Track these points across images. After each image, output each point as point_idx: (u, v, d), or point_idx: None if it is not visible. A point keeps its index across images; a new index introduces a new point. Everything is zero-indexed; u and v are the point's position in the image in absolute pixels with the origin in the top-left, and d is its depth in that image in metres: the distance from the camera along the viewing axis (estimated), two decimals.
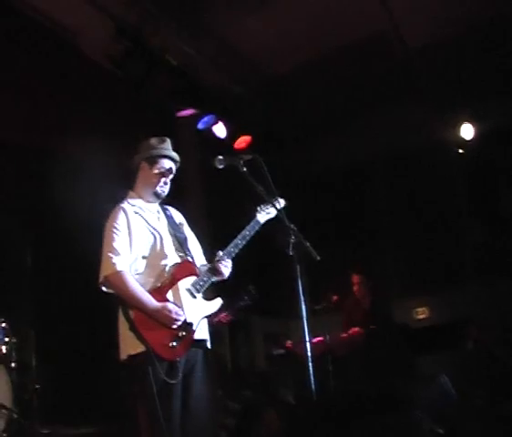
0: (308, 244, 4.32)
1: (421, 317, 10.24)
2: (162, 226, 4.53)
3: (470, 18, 8.25)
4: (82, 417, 6.40)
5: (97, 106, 7.65)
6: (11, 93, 6.95)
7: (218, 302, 4.46)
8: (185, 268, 4.41)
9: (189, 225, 4.79)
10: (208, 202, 8.95)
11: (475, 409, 6.66)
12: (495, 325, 9.11)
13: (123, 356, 4.23)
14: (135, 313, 4.14)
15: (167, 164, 4.54)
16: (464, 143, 9.62)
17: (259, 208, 4.75)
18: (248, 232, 4.60)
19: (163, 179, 4.53)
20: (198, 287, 4.35)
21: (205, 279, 4.40)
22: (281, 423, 6.30)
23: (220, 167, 4.42)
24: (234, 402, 7.27)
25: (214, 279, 4.47)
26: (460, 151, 9.08)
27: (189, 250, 4.56)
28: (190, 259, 4.50)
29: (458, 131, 9.61)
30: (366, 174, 11.04)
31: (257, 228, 4.67)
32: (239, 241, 4.54)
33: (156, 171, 4.50)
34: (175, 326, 4.12)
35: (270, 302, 9.12)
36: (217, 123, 8.49)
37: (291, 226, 4.29)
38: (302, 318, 4.15)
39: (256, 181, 4.34)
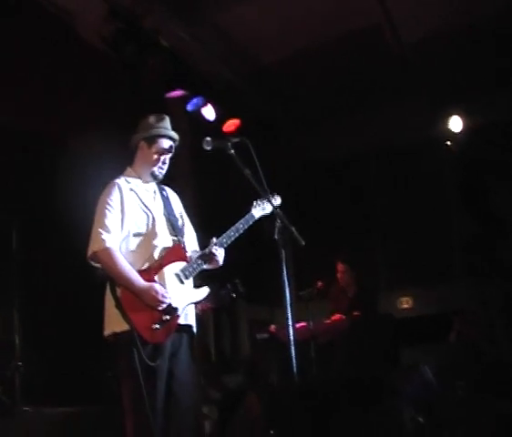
0: (293, 229, 4.33)
1: (405, 307, 10.31)
2: (157, 206, 4.49)
3: (463, 14, 8.30)
4: (65, 396, 6.38)
5: (88, 88, 7.63)
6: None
7: (205, 291, 4.43)
8: (176, 252, 4.37)
9: None
10: (197, 184, 8.93)
11: (456, 399, 6.72)
12: (479, 318, 9.17)
13: (107, 332, 4.21)
14: (122, 291, 4.12)
15: (165, 144, 4.51)
16: (453, 136, 9.65)
17: (255, 203, 4.72)
18: (241, 225, 4.58)
19: (162, 159, 4.50)
20: (187, 273, 4.32)
21: (195, 265, 4.37)
22: (261, 407, 6.32)
23: (208, 148, 4.37)
24: (216, 389, 7.30)
25: (205, 266, 4.45)
26: (448, 143, 9.10)
27: (181, 235, 4.51)
28: (182, 244, 4.47)
29: (448, 124, 9.64)
30: (357, 165, 11.07)
31: (251, 222, 4.64)
32: (231, 233, 4.51)
33: (154, 151, 4.47)
34: (160, 308, 4.09)
35: (255, 289, 9.16)
36: (206, 105, 8.47)
37: (277, 210, 4.27)
38: (285, 303, 4.10)
39: (244, 165, 4.31)
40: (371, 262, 10.45)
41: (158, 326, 4.07)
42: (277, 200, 4.78)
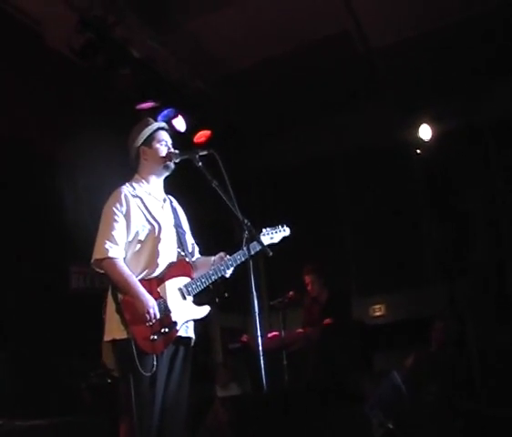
0: (261, 239, 4.35)
1: (377, 314, 10.36)
2: (165, 216, 4.50)
3: (432, 19, 8.39)
4: (36, 409, 6.35)
5: (59, 96, 7.62)
6: None
7: (206, 309, 4.45)
8: (182, 267, 4.39)
9: None
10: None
11: (425, 404, 6.78)
12: (450, 325, 9.25)
13: (108, 338, 4.23)
14: (123, 298, 4.13)
15: (164, 135, 4.57)
16: (422, 143, 9.74)
17: (264, 231, 4.77)
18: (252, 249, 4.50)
19: (166, 147, 4.53)
20: (190, 289, 4.33)
21: (198, 283, 4.37)
22: (229, 416, 6.33)
23: (176, 161, 4.45)
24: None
25: (215, 277, 4.45)
26: (418, 151, 9.18)
27: (187, 249, 4.54)
28: (189, 260, 4.48)
29: (417, 131, 9.72)
30: (326, 171, 11.09)
31: (257, 249, 4.51)
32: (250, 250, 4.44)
33: (157, 145, 4.50)
34: (146, 324, 4.07)
35: (228, 297, 9.15)
36: (177, 116, 8.46)
37: (245, 221, 4.27)
38: (253, 312, 4.13)
39: (212, 177, 4.32)
40: (342, 269, 10.49)
41: (155, 337, 4.08)
42: (285, 231, 4.91)
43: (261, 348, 4.12)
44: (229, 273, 4.54)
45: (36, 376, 6.90)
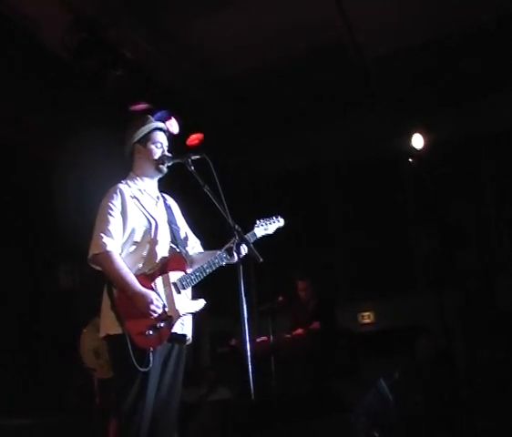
0: (251, 245, 4.37)
1: (366, 321, 10.37)
2: (160, 213, 4.52)
3: (425, 30, 8.41)
4: (20, 408, 6.34)
5: (52, 96, 7.62)
6: None
7: (201, 303, 4.45)
8: (176, 261, 4.41)
9: None
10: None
11: (412, 415, 6.79)
12: (439, 334, 9.26)
13: (102, 333, 4.25)
14: (118, 294, 4.15)
15: (160, 137, 4.57)
16: (414, 152, 9.76)
17: (258, 222, 4.83)
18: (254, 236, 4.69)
19: (161, 150, 4.54)
20: (184, 283, 4.34)
21: (193, 277, 4.39)
22: (216, 421, 6.33)
23: (169, 164, 4.47)
24: None
25: (224, 262, 4.49)
26: (410, 160, 9.19)
27: (182, 245, 4.56)
28: (183, 255, 4.51)
29: (409, 140, 9.75)
30: (317, 178, 11.12)
31: (252, 239, 4.65)
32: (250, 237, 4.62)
33: (152, 146, 4.51)
34: (152, 317, 4.10)
35: (217, 301, 9.14)
36: (170, 118, 8.46)
37: (236, 226, 4.29)
38: (242, 317, 4.12)
39: (204, 181, 4.32)
40: (330, 276, 10.50)
41: (151, 332, 4.08)
42: (280, 222, 5.06)
43: (249, 353, 4.11)
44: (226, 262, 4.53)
45: (23, 374, 6.89)
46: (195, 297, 4.45)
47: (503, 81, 9.29)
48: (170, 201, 4.74)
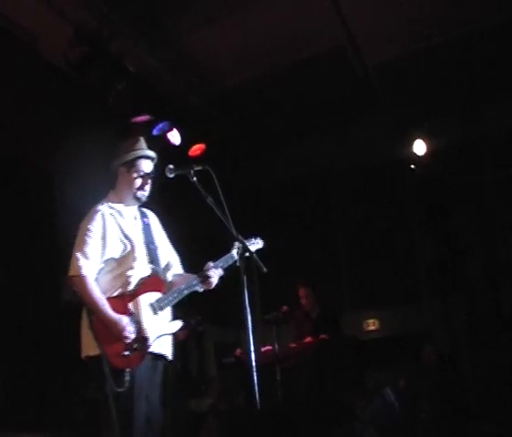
0: (255, 255, 4.36)
1: (371, 329, 10.33)
2: (137, 233, 4.54)
3: (427, 36, 8.38)
4: (28, 422, 6.32)
5: (56, 110, 7.62)
6: None
7: (177, 324, 4.49)
8: (153, 282, 4.43)
9: None
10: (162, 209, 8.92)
11: (418, 422, 6.76)
12: (444, 341, 9.23)
13: (83, 354, 4.29)
14: (94, 316, 4.19)
15: (144, 165, 4.56)
16: (416, 159, 9.75)
17: (235, 244, 4.67)
18: (224, 262, 4.64)
19: (143, 181, 4.55)
20: (162, 304, 4.37)
21: (170, 298, 4.41)
22: (222, 431, 6.31)
23: (171, 176, 4.45)
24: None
25: (198, 287, 4.53)
26: (412, 167, 9.19)
27: (159, 264, 4.59)
28: (160, 275, 4.54)
29: (412, 147, 9.73)
30: (321, 186, 11.09)
31: (231, 262, 4.63)
32: (222, 262, 4.60)
33: (135, 175, 4.53)
34: (126, 341, 4.13)
35: (221, 311, 9.13)
36: (172, 130, 8.46)
37: (239, 237, 4.32)
38: (246, 327, 4.14)
39: (207, 192, 4.33)
40: (335, 284, 10.47)
41: (128, 353, 4.12)
42: (259, 244, 4.87)
43: (254, 363, 4.12)
44: (202, 288, 4.59)
45: (27, 389, 6.87)
46: (181, 314, 4.47)
47: (506, 86, 9.25)
48: (150, 217, 4.76)
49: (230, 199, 4.31)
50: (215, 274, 4.53)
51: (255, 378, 4.12)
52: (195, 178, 4.38)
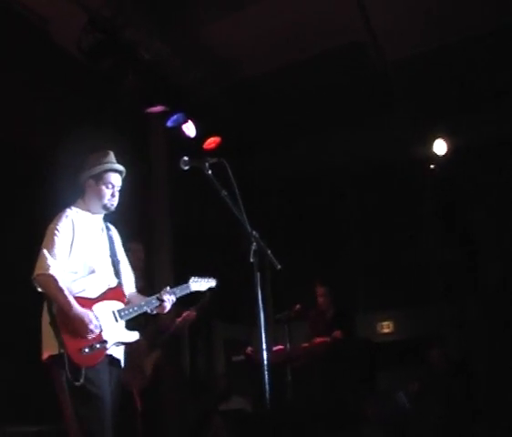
0: (269, 252, 4.24)
1: (386, 331, 10.26)
2: (103, 245, 4.66)
3: (448, 34, 8.33)
4: (29, 415, 6.27)
5: (66, 99, 7.54)
6: None
7: (134, 335, 4.57)
8: (116, 292, 4.55)
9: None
10: (175, 202, 8.84)
11: (430, 426, 6.70)
12: (458, 344, 9.14)
13: (45, 355, 4.30)
14: (57, 310, 4.22)
15: (113, 178, 4.63)
16: (436, 158, 9.63)
17: (192, 278, 4.93)
18: (180, 291, 4.81)
19: (111, 193, 4.62)
20: (122, 314, 4.47)
21: (131, 310, 4.52)
22: (231, 431, 6.26)
23: (185, 168, 4.38)
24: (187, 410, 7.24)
25: (149, 310, 4.63)
26: (432, 166, 9.08)
27: (121, 278, 4.69)
28: (122, 287, 4.64)
29: (431, 146, 9.61)
30: (336, 184, 11.01)
31: (186, 291, 4.86)
32: (178, 291, 4.77)
33: (103, 187, 4.59)
34: (89, 336, 4.20)
35: (232, 308, 9.04)
36: (186, 121, 8.40)
37: (253, 232, 4.21)
38: (259, 325, 4.07)
39: (221, 186, 4.24)
40: (350, 285, 10.38)
41: (87, 350, 4.21)
42: (211, 282, 5.09)
43: (266, 362, 4.07)
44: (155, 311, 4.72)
45: (30, 382, 6.80)
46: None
47: None
48: (113, 233, 4.86)
49: (244, 194, 4.23)
50: (169, 299, 4.65)
51: (266, 377, 4.05)
52: (210, 171, 4.31)
